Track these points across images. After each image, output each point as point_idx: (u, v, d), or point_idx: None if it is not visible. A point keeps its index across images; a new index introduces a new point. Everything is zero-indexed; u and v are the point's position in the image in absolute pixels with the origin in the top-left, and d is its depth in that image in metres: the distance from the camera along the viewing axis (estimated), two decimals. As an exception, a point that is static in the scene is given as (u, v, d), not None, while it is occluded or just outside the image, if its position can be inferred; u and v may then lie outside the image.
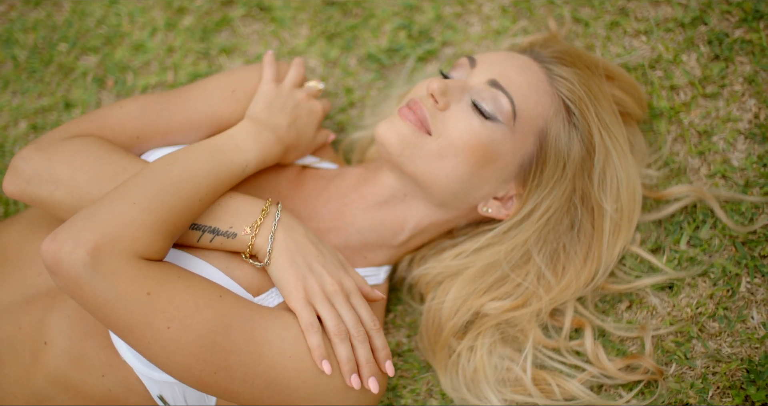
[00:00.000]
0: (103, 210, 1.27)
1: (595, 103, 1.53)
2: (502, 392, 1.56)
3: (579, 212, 1.54)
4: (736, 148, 1.69)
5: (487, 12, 1.92)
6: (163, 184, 1.33)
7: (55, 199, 1.42)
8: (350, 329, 1.40)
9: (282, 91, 1.61)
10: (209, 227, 1.41)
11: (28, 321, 1.44)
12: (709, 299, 1.60)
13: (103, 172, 1.42)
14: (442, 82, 1.47)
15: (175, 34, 1.98)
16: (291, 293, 1.40)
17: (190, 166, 1.37)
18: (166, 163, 1.37)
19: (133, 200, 1.29)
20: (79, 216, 1.27)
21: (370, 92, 1.92)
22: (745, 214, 1.63)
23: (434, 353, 1.62)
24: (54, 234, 1.25)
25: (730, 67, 1.73)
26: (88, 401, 1.43)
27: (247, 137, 1.49)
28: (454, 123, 1.47)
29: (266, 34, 1.98)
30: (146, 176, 1.34)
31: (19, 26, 2.02)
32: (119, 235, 1.25)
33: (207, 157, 1.41)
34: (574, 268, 1.57)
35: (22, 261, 1.49)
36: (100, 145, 1.47)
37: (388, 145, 1.48)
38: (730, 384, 1.52)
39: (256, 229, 1.41)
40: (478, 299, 1.58)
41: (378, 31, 1.94)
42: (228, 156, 1.43)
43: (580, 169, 1.52)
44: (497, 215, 1.56)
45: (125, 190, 1.31)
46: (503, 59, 1.54)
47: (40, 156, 1.44)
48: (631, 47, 1.81)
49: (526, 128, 1.49)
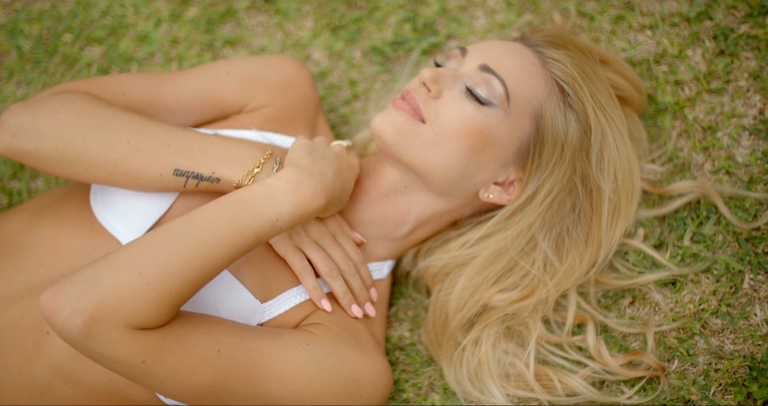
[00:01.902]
0: (108, 276, 1.22)
1: (589, 84, 1.53)
2: (505, 387, 1.56)
3: (580, 193, 1.54)
4: (741, 144, 1.69)
5: (492, 5, 1.92)
6: (175, 250, 1.25)
7: (40, 152, 1.44)
8: (341, 265, 1.51)
9: (319, 143, 1.52)
10: (192, 172, 1.43)
11: (30, 311, 1.44)
12: (712, 296, 1.60)
13: (85, 125, 1.44)
14: (434, 71, 1.48)
15: (179, 26, 1.98)
16: (279, 241, 1.47)
17: (209, 226, 1.29)
18: (185, 220, 1.29)
19: (140, 270, 1.22)
20: (82, 276, 1.22)
21: (374, 85, 1.92)
22: (749, 210, 1.63)
23: (440, 346, 1.63)
24: (54, 291, 1.20)
25: (735, 63, 1.73)
26: (90, 391, 1.43)
27: (284, 186, 1.37)
28: (448, 109, 1.48)
29: (271, 26, 1.97)
30: (159, 239, 1.26)
31: (23, 16, 2.02)
32: (119, 306, 1.21)
33: (230, 213, 1.31)
34: (576, 250, 1.57)
35: (25, 251, 1.49)
36: (85, 99, 1.49)
37: (383, 136, 1.49)
38: (733, 381, 1.52)
39: (250, 178, 1.43)
40: (486, 291, 1.58)
41: (383, 24, 1.94)
42: (255, 210, 1.33)
43: (579, 150, 1.52)
44: (499, 200, 1.56)
45: (135, 253, 1.24)
46: (494, 46, 1.55)
47: (26, 111, 1.46)
48: (636, 42, 1.80)
49: (521, 110, 1.49)
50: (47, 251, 1.48)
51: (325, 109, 1.91)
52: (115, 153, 1.43)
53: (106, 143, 1.43)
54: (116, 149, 1.43)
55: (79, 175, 1.46)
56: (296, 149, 1.46)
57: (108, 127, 1.44)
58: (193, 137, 1.46)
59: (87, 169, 1.44)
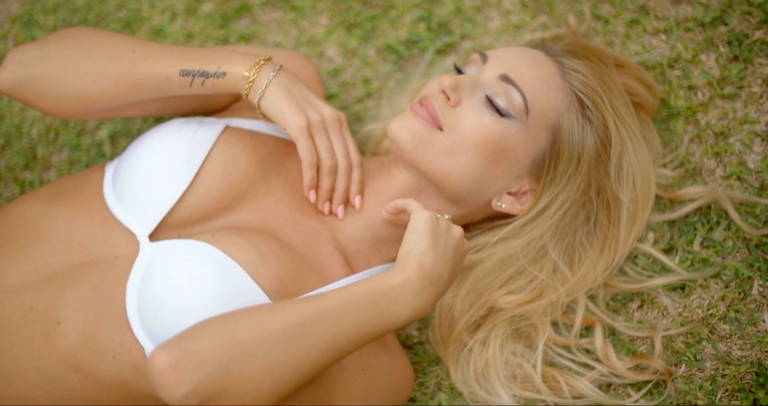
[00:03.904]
0: (238, 365, 1.19)
1: (609, 95, 1.53)
2: (512, 388, 1.56)
3: (594, 206, 1.54)
4: (753, 150, 1.69)
5: (507, 6, 1.92)
6: (306, 350, 1.23)
7: (47, 73, 1.47)
8: (340, 159, 1.51)
9: (443, 225, 1.40)
10: (197, 70, 1.45)
11: (40, 301, 1.44)
12: (721, 301, 1.60)
13: (89, 43, 1.49)
14: (454, 78, 1.48)
15: (194, 20, 1.99)
16: (294, 121, 1.45)
17: (339, 326, 1.26)
18: (317, 314, 1.25)
19: (271, 365, 1.20)
20: (213, 357, 1.17)
21: (387, 83, 1.92)
22: (760, 216, 1.63)
23: (446, 347, 1.63)
24: (176, 362, 1.16)
25: (749, 69, 1.73)
26: (98, 383, 1.43)
27: (408, 292, 1.31)
28: (466, 119, 1.47)
29: (285, 23, 1.98)
30: (293, 332, 1.23)
31: (39, 8, 2.03)
32: (238, 395, 1.19)
33: (358, 315, 1.28)
34: (590, 260, 1.57)
35: (36, 240, 1.49)
36: (88, 28, 1.57)
37: (400, 142, 1.49)
38: (739, 387, 1.52)
39: (256, 70, 1.45)
40: (493, 293, 1.58)
41: (397, 23, 1.94)
42: (379, 312, 1.29)
43: (595, 163, 1.52)
44: (511, 210, 1.56)
45: (269, 344, 1.21)
46: (514, 54, 1.54)
47: (31, 44, 1.51)
48: (650, 46, 1.80)
49: (539, 123, 1.49)
50: (59, 241, 1.48)
51: (338, 106, 1.91)
52: (122, 63, 1.47)
53: (111, 55, 1.47)
54: (122, 59, 1.47)
55: (87, 90, 1.48)
56: (422, 236, 1.36)
57: (111, 42, 1.50)
58: (194, 48, 1.52)
59: (95, 83, 1.47)
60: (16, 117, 1.94)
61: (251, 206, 1.52)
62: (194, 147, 1.49)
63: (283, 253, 1.47)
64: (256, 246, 1.43)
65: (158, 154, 1.49)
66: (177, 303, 1.36)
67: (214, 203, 1.49)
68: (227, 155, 1.51)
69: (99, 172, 1.57)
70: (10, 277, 1.46)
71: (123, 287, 1.42)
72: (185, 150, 1.48)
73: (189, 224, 1.48)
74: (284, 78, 1.47)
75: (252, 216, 1.52)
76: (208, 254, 1.40)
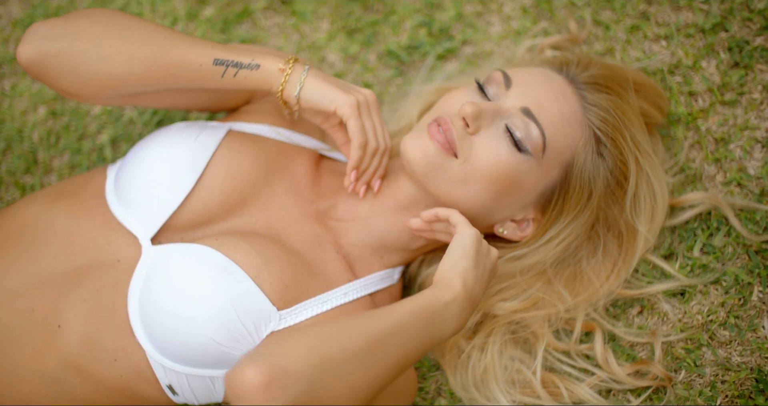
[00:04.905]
0: (324, 384, 1.17)
1: (629, 127, 1.52)
2: (511, 394, 1.56)
3: (602, 239, 1.56)
4: (753, 157, 1.69)
5: (508, 12, 1.92)
6: (383, 368, 1.24)
7: (74, 49, 1.41)
8: (379, 141, 1.51)
9: (484, 245, 1.44)
10: (231, 61, 1.43)
11: (41, 303, 1.44)
12: (721, 307, 1.60)
13: (119, 24, 1.45)
14: (476, 107, 1.44)
15: (195, 25, 1.99)
16: (344, 101, 1.45)
17: (404, 343, 1.27)
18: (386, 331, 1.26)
19: (352, 384, 1.20)
20: (301, 375, 1.16)
21: (388, 89, 1.92)
22: (760, 223, 1.63)
23: (443, 353, 1.63)
24: (269, 381, 1.13)
25: (749, 75, 1.73)
26: (99, 386, 1.43)
27: (455, 310, 1.34)
28: (483, 150, 1.46)
29: (287, 28, 1.98)
30: (369, 350, 1.23)
31: (41, 12, 2.03)
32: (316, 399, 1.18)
33: (421, 329, 1.29)
34: (593, 286, 1.59)
35: (37, 242, 1.49)
36: (114, 10, 1.51)
37: (414, 164, 1.48)
38: (739, 393, 1.52)
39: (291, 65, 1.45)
40: (487, 300, 1.59)
41: (398, 28, 1.94)
42: (433, 329, 1.31)
43: (605, 198, 1.53)
44: (512, 236, 1.56)
45: (351, 364, 1.21)
46: (539, 82, 1.51)
47: (56, 19, 1.45)
48: (651, 52, 1.80)
49: (553, 160, 1.48)
50: (61, 244, 1.48)
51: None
52: (154, 47, 1.43)
53: (143, 38, 1.43)
54: (154, 44, 1.43)
55: (115, 71, 1.43)
56: (468, 249, 1.40)
57: (142, 25, 1.46)
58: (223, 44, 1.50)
59: (124, 64, 1.43)
60: (17, 121, 1.95)
61: (254, 210, 1.52)
62: (197, 150, 1.49)
63: (287, 258, 1.46)
64: (260, 251, 1.43)
65: (161, 158, 1.48)
66: (179, 307, 1.37)
67: (217, 207, 1.49)
68: (230, 159, 1.51)
69: (101, 175, 1.56)
70: (11, 279, 1.46)
71: (125, 291, 1.43)
72: (188, 153, 1.48)
73: (192, 227, 1.48)
74: (318, 71, 1.48)
75: (255, 220, 1.52)
76: (211, 258, 1.40)
